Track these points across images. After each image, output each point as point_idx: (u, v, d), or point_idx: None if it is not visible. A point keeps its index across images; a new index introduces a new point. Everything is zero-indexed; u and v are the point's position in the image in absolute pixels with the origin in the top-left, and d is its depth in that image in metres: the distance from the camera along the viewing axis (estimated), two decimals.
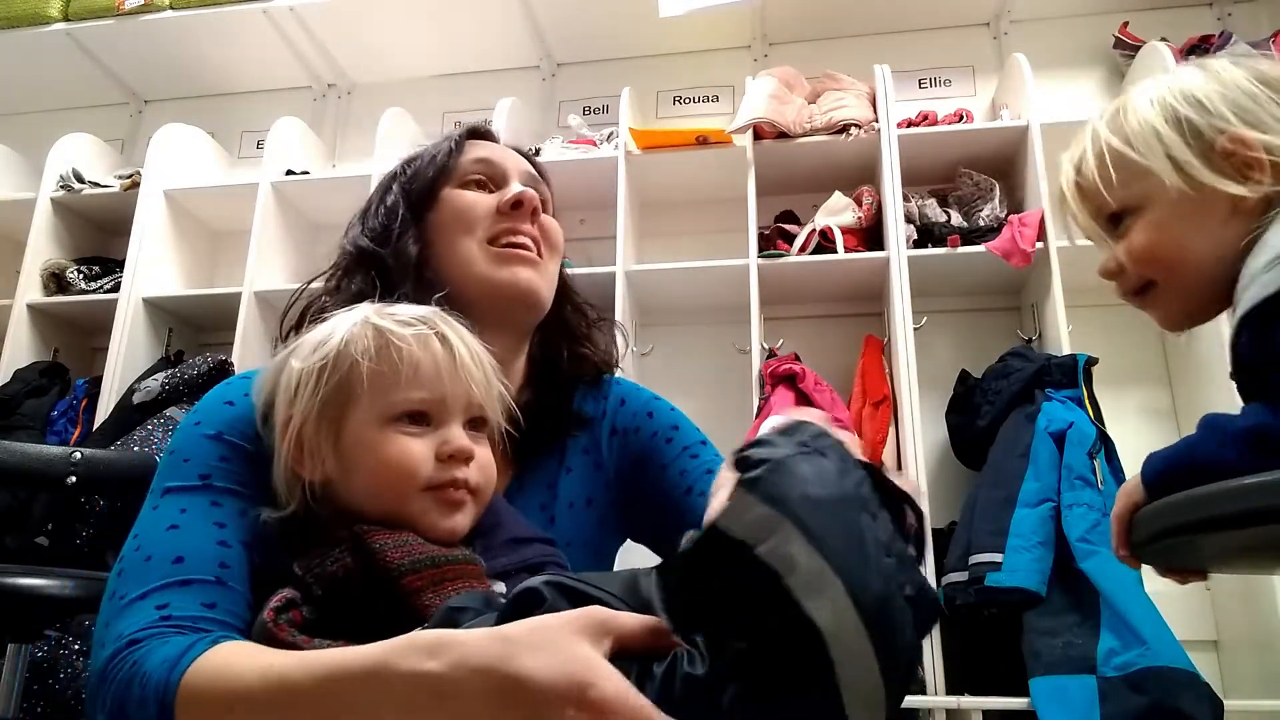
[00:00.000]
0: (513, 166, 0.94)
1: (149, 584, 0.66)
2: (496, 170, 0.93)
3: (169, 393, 2.43)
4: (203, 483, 0.73)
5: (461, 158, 0.93)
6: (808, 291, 2.57)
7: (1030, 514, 1.89)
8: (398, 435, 0.70)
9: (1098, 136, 0.89)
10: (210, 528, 0.70)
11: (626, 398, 0.97)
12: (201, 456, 0.74)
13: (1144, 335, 2.42)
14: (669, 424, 0.94)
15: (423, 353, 0.71)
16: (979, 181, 2.46)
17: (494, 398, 0.76)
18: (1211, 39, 2.49)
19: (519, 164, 0.95)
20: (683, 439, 0.92)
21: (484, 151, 0.94)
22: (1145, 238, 0.84)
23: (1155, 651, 1.68)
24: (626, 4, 2.79)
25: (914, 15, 2.86)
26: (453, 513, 0.70)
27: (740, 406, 2.33)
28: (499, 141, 0.98)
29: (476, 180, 0.92)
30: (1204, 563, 0.86)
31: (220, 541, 0.70)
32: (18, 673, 1.43)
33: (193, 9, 2.93)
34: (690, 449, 0.91)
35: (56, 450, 1.55)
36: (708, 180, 2.66)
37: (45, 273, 2.82)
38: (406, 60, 3.11)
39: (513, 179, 0.92)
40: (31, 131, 3.25)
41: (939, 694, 1.91)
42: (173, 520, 0.70)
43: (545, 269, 0.90)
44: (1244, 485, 0.66)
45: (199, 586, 0.67)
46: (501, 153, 0.95)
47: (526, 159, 0.98)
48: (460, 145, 0.94)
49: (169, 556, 0.68)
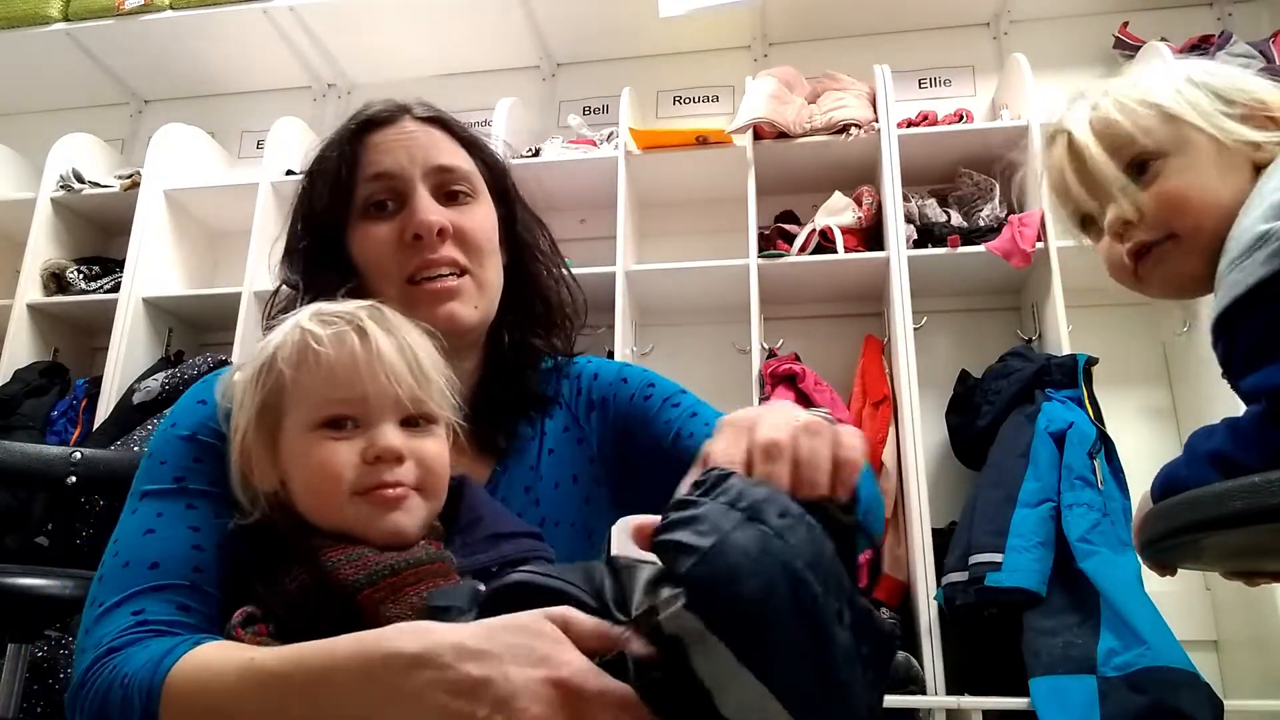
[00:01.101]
0: (416, 167, 0.85)
1: (126, 590, 0.67)
2: (397, 183, 0.84)
3: (169, 393, 2.43)
4: (178, 485, 0.73)
5: (358, 174, 0.85)
6: (808, 291, 2.57)
7: (1030, 514, 1.89)
8: (322, 442, 0.67)
9: (1110, 97, 0.87)
10: (185, 531, 0.70)
11: (599, 371, 0.96)
12: (176, 459, 0.74)
13: (1144, 335, 2.42)
14: (645, 382, 0.93)
15: (338, 352, 0.68)
16: (979, 181, 2.46)
17: (433, 391, 0.71)
18: (1211, 39, 2.49)
19: (425, 157, 0.86)
20: (661, 392, 0.92)
21: (382, 157, 0.85)
22: (1180, 181, 0.81)
23: (1155, 651, 1.68)
24: (626, 4, 2.79)
25: (914, 15, 2.86)
26: (388, 512, 0.67)
27: (740, 406, 2.31)
28: (407, 113, 0.90)
29: (378, 203, 0.85)
30: (1206, 563, 0.86)
31: (195, 545, 0.70)
32: (18, 673, 1.43)
33: (193, 9, 2.93)
34: (670, 399, 0.90)
35: (56, 450, 1.55)
36: (708, 180, 2.66)
37: (45, 273, 2.82)
38: (406, 60, 3.11)
39: (414, 189, 0.84)
40: (31, 131, 3.25)
41: (939, 694, 1.91)
42: (149, 525, 0.71)
43: (466, 290, 0.84)
44: (1233, 487, 0.66)
45: (174, 590, 0.67)
46: (403, 151, 0.86)
47: (438, 121, 0.90)
48: (354, 154, 0.86)
49: (145, 562, 0.69)
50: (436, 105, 0.93)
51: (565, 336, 0.97)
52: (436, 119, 0.91)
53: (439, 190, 0.86)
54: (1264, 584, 0.88)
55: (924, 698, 1.90)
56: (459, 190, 0.87)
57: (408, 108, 0.91)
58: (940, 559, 2.01)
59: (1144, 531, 0.80)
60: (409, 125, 0.89)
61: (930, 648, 1.95)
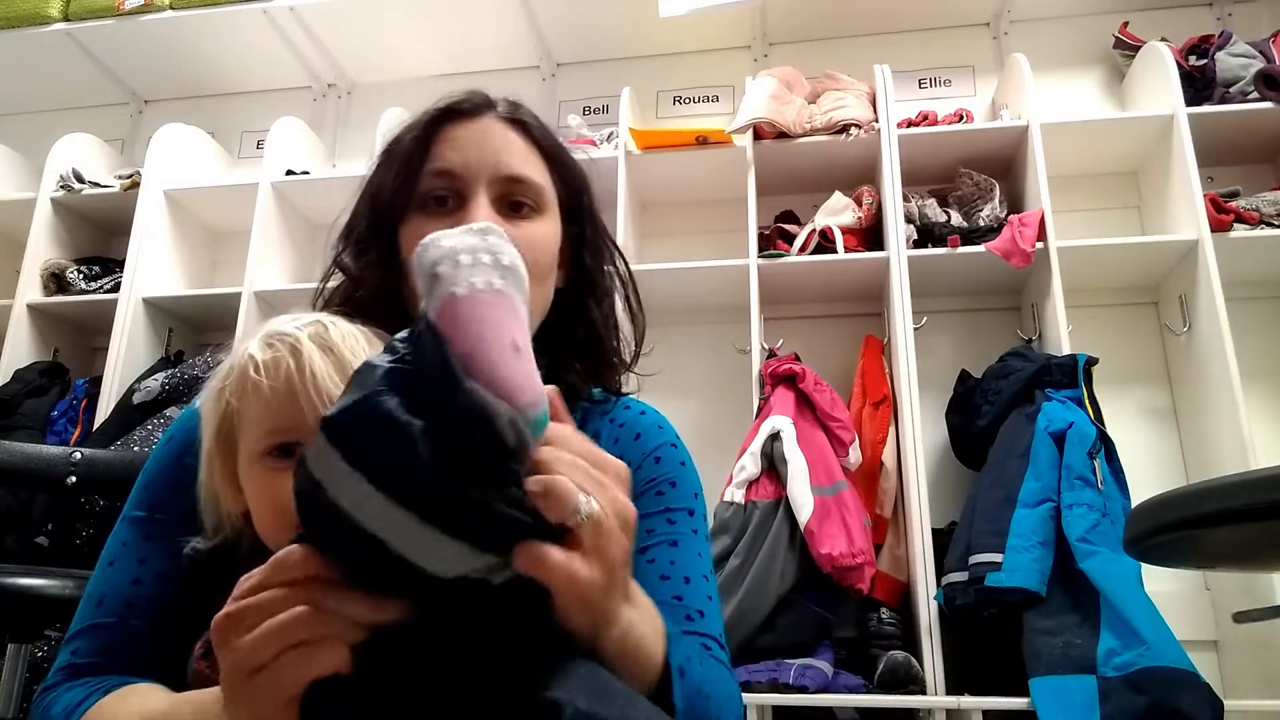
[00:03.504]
0: (484, 171, 0.80)
1: (77, 624, 0.69)
2: (459, 183, 0.80)
3: (169, 393, 2.43)
4: (148, 514, 0.73)
5: (426, 166, 0.81)
6: (808, 291, 2.57)
7: (1030, 514, 1.89)
8: (266, 473, 0.64)
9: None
10: (133, 565, 0.71)
11: (643, 433, 0.86)
12: (158, 482, 0.75)
13: (1144, 335, 2.42)
14: (668, 478, 0.84)
15: (273, 380, 0.63)
16: (979, 181, 2.45)
17: None
18: (1211, 39, 2.49)
19: (495, 162, 0.81)
20: (672, 499, 0.83)
21: (452, 154, 0.81)
22: None
23: (1155, 651, 1.68)
24: (626, 4, 2.80)
25: (914, 15, 2.86)
26: None
27: (740, 406, 2.33)
28: (491, 110, 0.85)
29: (438, 198, 0.80)
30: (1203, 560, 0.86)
31: (135, 579, 0.70)
32: (18, 673, 1.43)
33: (193, 9, 2.93)
34: (672, 513, 0.82)
35: (56, 450, 1.55)
36: (708, 180, 2.66)
37: (45, 273, 2.82)
38: (406, 60, 3.11)
39: (475, 194, 0.79)
40: (31, 131, 3.25)
41: (939, 694, 1.91)
42: (112, 555, 0.72)
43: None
44: (1238, 481, 0.66)
45: (104, 629, 0.68)
46: (474, 151, 0.81)
47: (521, 125, 0.85)
48: (427, 142, 0.82)
49: (95, 596, 0.70)
50: (525, 105, 0.88)
51: (615, 375, 0.90)
52: (520, 121, 0.85)
53: (502, 200, 0.81)
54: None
55: (924, 698, 1.90)
56: (523, 203, 0.81)
57: (493, 103, 0.86)
58: (940, 559, 2.01)
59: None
60: (490, 123, 0.84)
61: (930, 648, 1.95)
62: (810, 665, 1.92)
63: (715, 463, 2.14)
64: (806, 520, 2.00)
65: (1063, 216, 2.34)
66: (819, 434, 2.17)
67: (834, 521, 2.02)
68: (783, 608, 1.98)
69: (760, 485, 2.11)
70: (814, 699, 1.87)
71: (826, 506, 2.03)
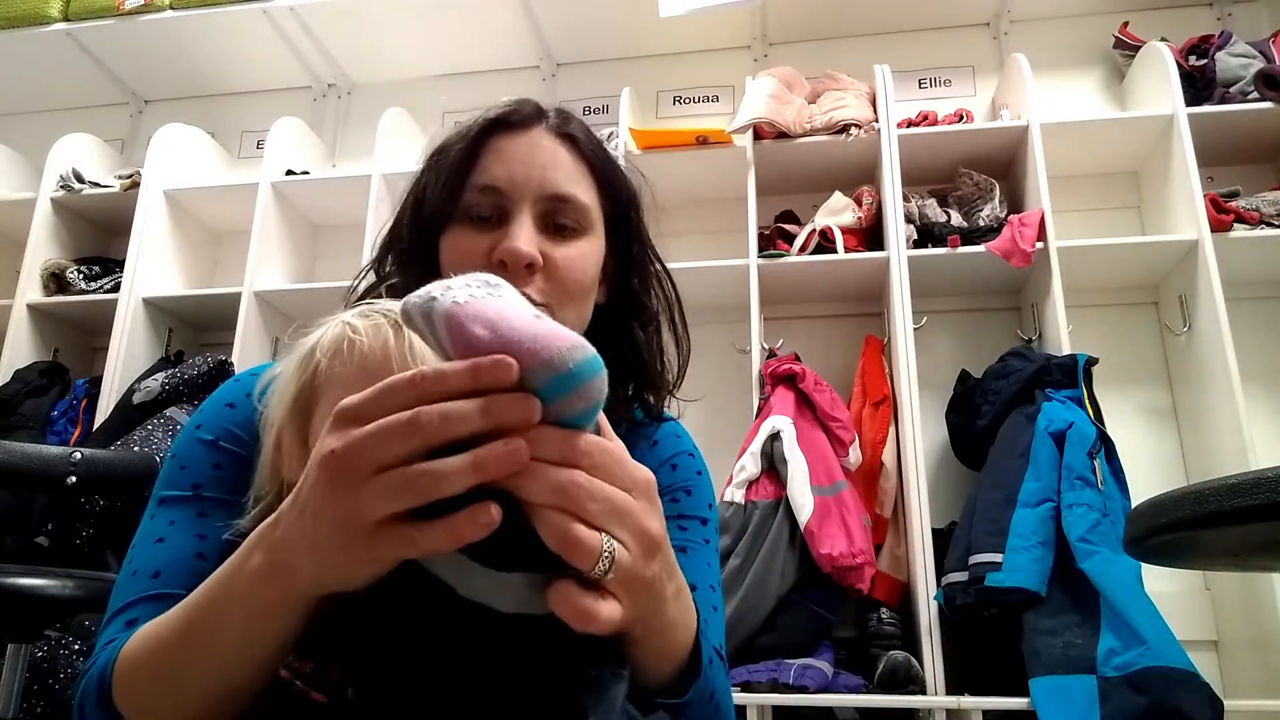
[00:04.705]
0: (530, 189, 0.78)
1: (127, 598, 0.68)
2: (504, 200, 0.78)
3: (169, 393, 2.43)
4: (194, 493, 0.73)
5: (471, 179, 0.79)
6: (808, 291, 2.57)
7: (1030, 514, 1.89)
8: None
9: None
10: (192, 540, 0.70)
11: (678, 463, 0.87)
12: (196, 464, 0.74)
13: (1144, 335, 2.42)
14: (683, 486, 0.85)
15: (372, 342, 0.65)
16: (979, 181, 2.46)
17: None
18: (1211, 39, 2.49)
19: (541, 179, 0.79)
20: (687, 506, 0.84)
21: (498, 168, 0.79)
22: None
23: (1155, 651, 1.68)
24: (626, 4, 2.80)
25: (914, 15, 2.86)
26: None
27: (740, 406, 2.33)
28: (541, 122, 0.83)
29: (481, 215, 0.78)
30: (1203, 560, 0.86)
31: (198, 554, 0.70)
32: (18, 673, 1.43)
33: (193, 9, 2.93)
34: (684, 520, 0.83)
35: (56, 450, 1.55)
36: (708, 180, 2.66)
37: (45, 273, 2.82)
38: (406, 60, 3.11)
39: (518, 212, 0.77)
40: (31, 131, 3.25)
41: (939, 694, 1.91)
42: (160, 533, 0.71)
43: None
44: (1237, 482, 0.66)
45: (170, 600, 0.66)
46: (520, 166, 0.79)
47: (571, 139, 0.83)
48: (474, 153, 0.80)
49: (149, 571, 0.69)
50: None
51: (655, 399, 0.88)
52: (569, 135, 0.83)
53: (545, 219, 0.79)
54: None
55: (924, 698, 1.90)
56: (566, 224, 0.80)
57: (544, 115, 0.84)
58: (940, 559, 2.01)
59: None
60: (539, 137, 0.82)
61: (930, 648, 1.96)
62: (810, 665, 1.92)
63: (715, 463, 2.11)
64: (806, 520, 2.00)
65: (1062, 216, 2.34)
66: (819, 434, 2.18)
67: (834, 521, 2.02)
68: (783, 608, 1.98)
69: (760, 485, 2.12)
70: (814, 699, 1.87)
71: (826, 506, 2.03)
